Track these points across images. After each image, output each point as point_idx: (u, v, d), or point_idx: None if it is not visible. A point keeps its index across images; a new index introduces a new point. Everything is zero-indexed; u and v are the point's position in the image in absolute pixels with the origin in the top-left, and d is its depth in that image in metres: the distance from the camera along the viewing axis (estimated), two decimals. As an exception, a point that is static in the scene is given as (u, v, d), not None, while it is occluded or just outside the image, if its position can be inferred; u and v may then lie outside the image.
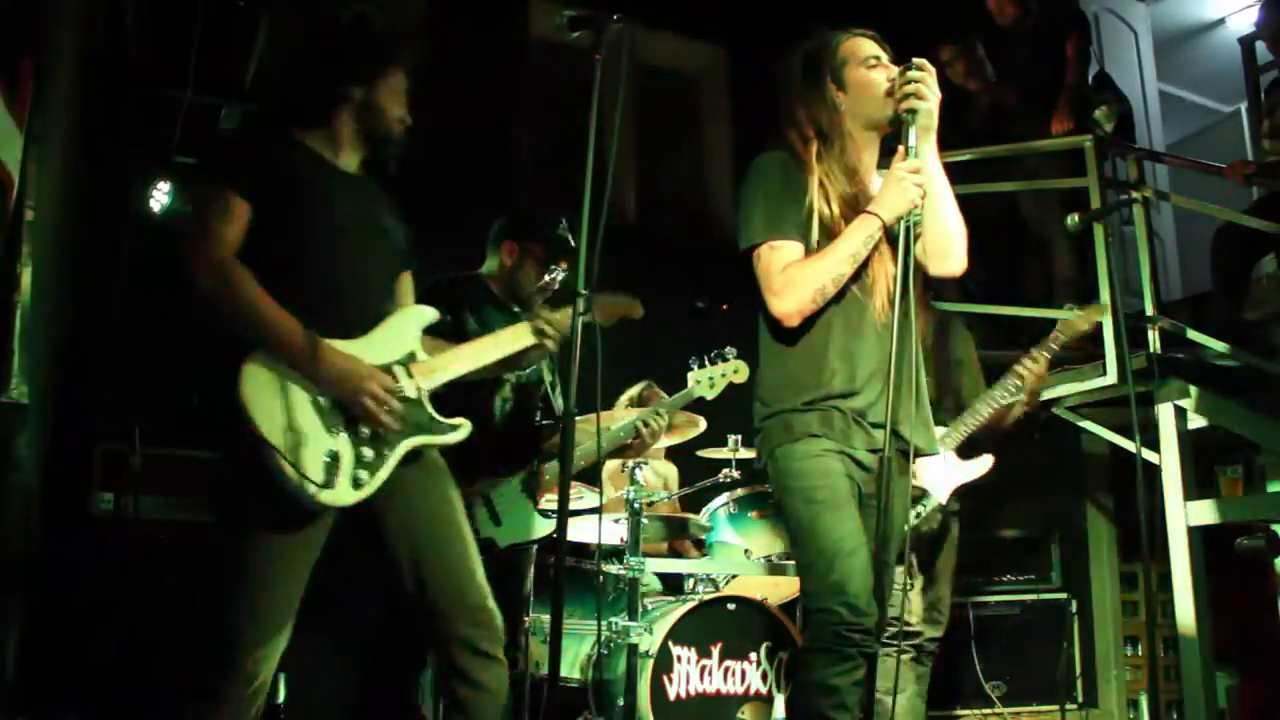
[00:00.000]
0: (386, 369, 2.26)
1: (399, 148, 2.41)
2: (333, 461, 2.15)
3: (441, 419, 2.33)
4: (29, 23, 2.61)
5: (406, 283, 2.50)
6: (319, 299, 2.23)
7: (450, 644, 2.26)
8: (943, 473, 3.41)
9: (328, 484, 2.13)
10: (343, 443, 2.18)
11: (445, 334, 2.57)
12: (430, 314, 2.41)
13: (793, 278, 2.25)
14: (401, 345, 2.33)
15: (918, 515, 3.29)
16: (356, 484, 2.18)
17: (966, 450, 3.50)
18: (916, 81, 2.22)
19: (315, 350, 2.16)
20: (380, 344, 2.30)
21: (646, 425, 3.38)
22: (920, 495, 3.36)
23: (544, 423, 3.33)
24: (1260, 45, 5.67)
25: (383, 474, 2.22)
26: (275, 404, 2.13)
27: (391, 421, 2.22)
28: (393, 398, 2.22)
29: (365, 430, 2.21)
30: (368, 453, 2.20)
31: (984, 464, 3.50)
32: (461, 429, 2.35)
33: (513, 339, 2.51)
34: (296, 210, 2.25)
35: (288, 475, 2.09)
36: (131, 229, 4.02)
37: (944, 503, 3.43)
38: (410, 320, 2.38)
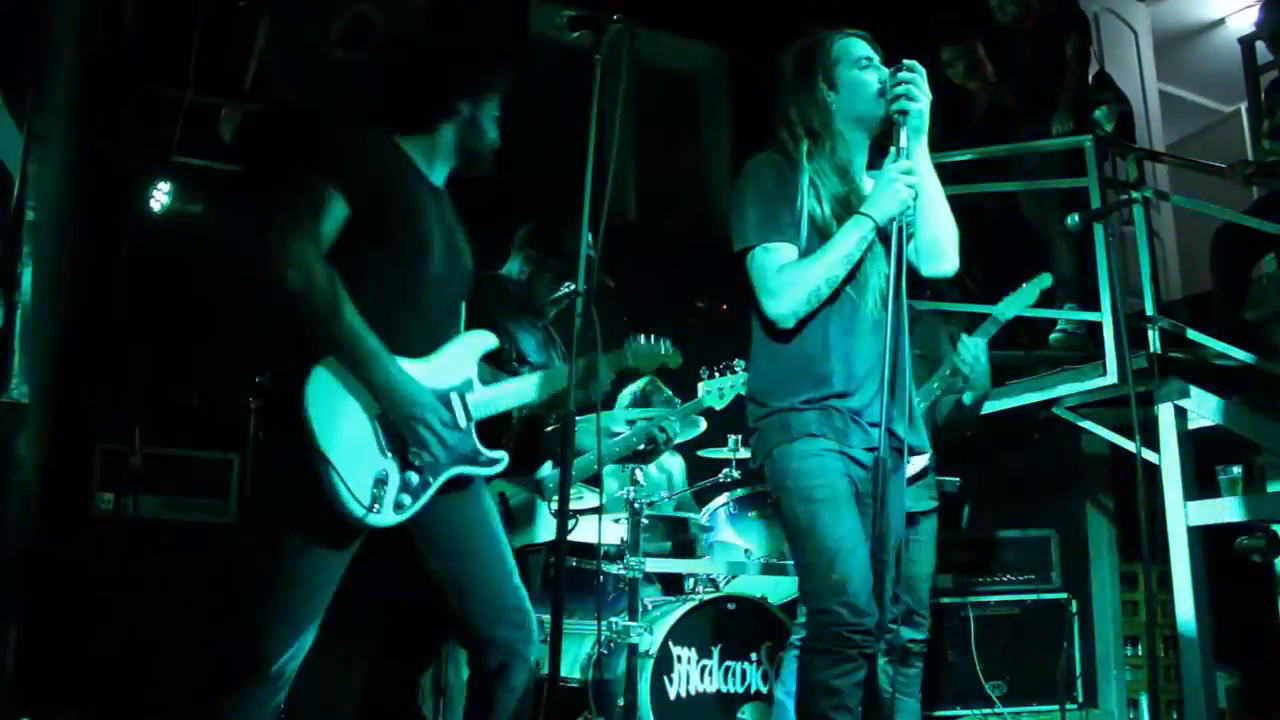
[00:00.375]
0: (444, 396, 2.27)
1: (489, 167, 2.43)
2: (381, 483, 2.16)
3: (485, 450, 2.34)
4: (29, 23, 2.61)
5: (463, 306, 2.51)
6: (395, 312, 2.22)
7: (488, 646, 2.28)
8: None
9: (373, 507, 2.13)
10: (392, 464, 2.19)
11: None
12: (490, 340, 2.41)
13: (787, 280, 2.25)
14: (461, 371, 2.34)
15: None
16: (398, 507, 2.19)
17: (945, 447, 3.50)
18: (907, 83, 2.23)
19: (387, 369, 2.15)
20: (443, 368, 2.30)
21: (664, 430, 3.39)
22: None
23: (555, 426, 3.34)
24: (1260, 45, 5.67)
25: (424, 499, 2.23)
26: (336, 416, 2.12)
27: (442, 454, 2.23)
28: (447, 430, 2.23)
29: (414, 455, 2.22)
30: (413, 477, 2.21)
31: (919, 461, 3.48)
32: (501, 462, 2.36)
33: (558, 381, 2.55)
34: (391, 220, 2.24)
35: (338, 492, 2.09)
36: (131, 229, 4.03)
37: None
38: (473, 346, 2.38)
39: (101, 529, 3.62)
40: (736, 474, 4.03)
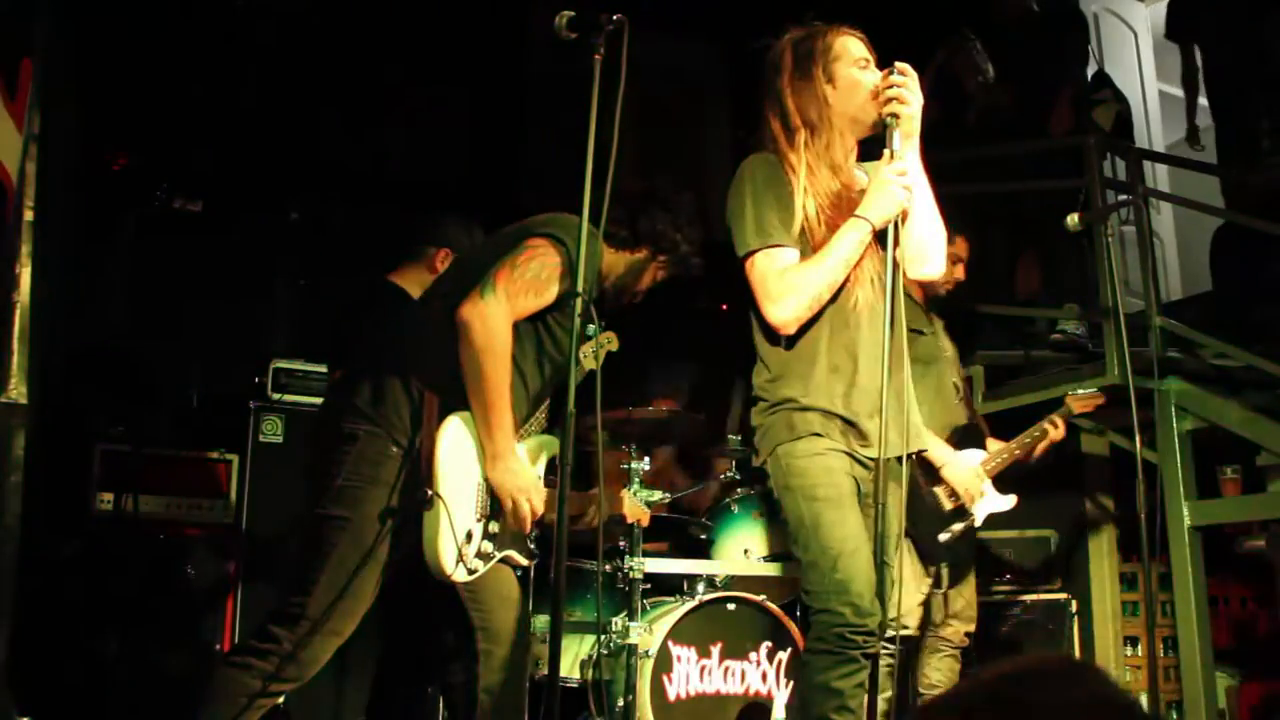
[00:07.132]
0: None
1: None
2: (465, 541, 2.23)
3: (530, 545, 2.45)
4: (28, 23, 2.61)
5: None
6: (525, 389, 2.35)
7: (484, 666, 2.39)
8: (985, 501, 3.50)
9: (458, 560, 2.21)
10: (477, 528, 2.27)
11: None
12: (554, 449, 2.50)
13: (790, 285, 2.25)
14: (537, 467, 2.46)
15: (952, 532, 3.37)
16: (470, 571, 2.27)
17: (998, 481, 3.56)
18: (899, 86, 2.24)
19: (510, 443, 2.24)
20: (528, 456, 2.42)
21: None
22: (961, 515, 3.41)
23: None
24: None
25: (484, 570, 2.31)
26: (457, 468, 2.21)
27: (522, 530, 2.34)
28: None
29: (494, 527, 2.30)
30: (486, 546, 2.29)
31: (1011, 500, 3.56)
32: (527, 560, 2.47)
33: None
34: (566, 308, 2.30)
35: (439, 534, 2.14)
36: (132, 228, 4.03)
37: (978, 525, 3.50)
38: (547, 448, 2.51)
39: (101, 529, 3.62)
40: (736, 475, 4.03)
